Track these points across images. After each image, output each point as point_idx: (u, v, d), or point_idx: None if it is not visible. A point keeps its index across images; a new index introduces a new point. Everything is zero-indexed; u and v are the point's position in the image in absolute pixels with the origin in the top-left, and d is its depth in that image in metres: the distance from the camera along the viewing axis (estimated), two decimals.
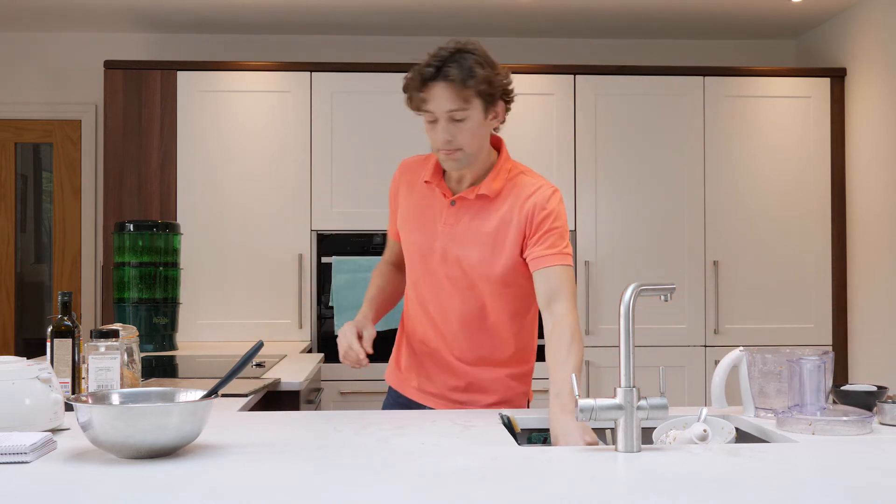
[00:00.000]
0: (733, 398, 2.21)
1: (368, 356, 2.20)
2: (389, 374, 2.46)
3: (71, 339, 2.21)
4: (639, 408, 1.69)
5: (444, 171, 2.27)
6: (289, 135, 4.48)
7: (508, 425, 2.05)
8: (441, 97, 2.11)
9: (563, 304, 2.09)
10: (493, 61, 2.16)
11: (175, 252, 4.00)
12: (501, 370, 2.31)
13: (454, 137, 2.12)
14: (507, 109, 2.22)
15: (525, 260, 2.19)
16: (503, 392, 2.32)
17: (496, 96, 2.16)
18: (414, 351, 2.36)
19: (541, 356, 2.29)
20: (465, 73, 2.09)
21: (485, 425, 1.95)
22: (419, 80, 2.12)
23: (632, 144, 4.57)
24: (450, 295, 2.25)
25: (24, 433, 1.69)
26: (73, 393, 2.21)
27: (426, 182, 2.27)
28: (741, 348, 2.13)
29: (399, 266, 2.43)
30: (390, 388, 2.45)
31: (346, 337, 2.19)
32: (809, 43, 5.06)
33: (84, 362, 2.20)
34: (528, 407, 2.39)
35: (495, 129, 2.24)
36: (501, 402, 2.31)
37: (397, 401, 2.41)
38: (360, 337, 2.20)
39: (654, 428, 1.88)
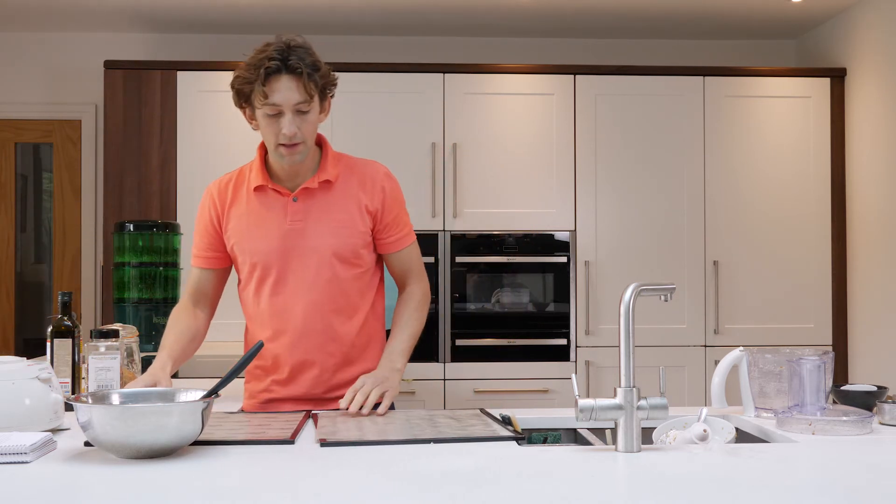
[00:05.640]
0: (733, 398, 2.21)
1: None
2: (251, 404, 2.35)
3: (71, 339, 2.21)
4: (639, 408, 1.69)
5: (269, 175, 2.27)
6: None
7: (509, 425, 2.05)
8: (288, 89, 2.12)
9: (415, 279, 2.37)
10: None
11: (175, 252, 4.00)
12: (363, 363, 2.31)
13: (300, 130, 2.15)
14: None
15: (374, 240, 2.30)
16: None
17: (327, 92, 2.21)
18: (271, 364, 2.30)
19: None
20: (310, 66, 2.14)
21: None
22: (263, 74, 2.11)
23: (632, 144, 4.57)
24: (309, 289, 2.24)
25: (24, 433, 1.69)
26: (73, 393, 2.21)
27: (257, 188, 2.26)
28: (741, 348, 2.13)
29: (200, 304, 2.35)
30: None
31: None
32: (809, 43, 5.06)
33: (84, 362, 2.20)
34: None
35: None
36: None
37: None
38: None
39: (654, 428, 1.88)
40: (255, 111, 2.18)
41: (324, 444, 1.77)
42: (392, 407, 2.25)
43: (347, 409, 2.07)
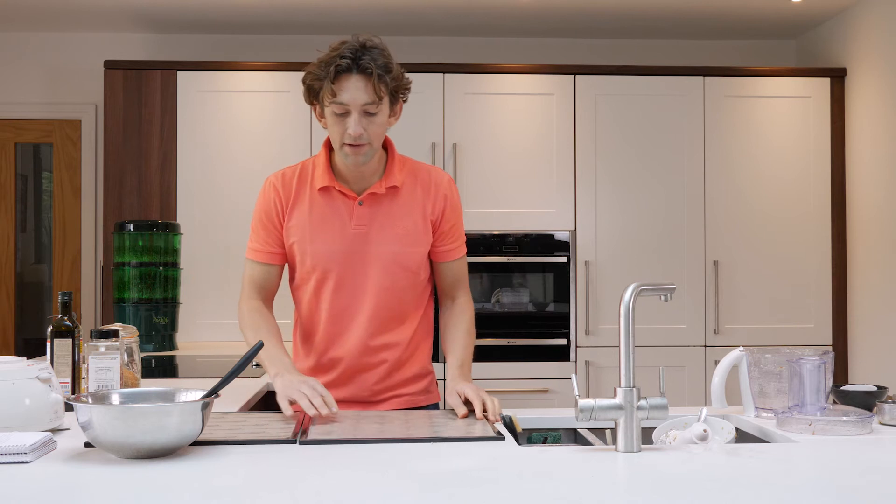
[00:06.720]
0: (733, 398, 2.21)
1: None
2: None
3: (71, 339, 2.21)
4: (639, 408, 1.69)
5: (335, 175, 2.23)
6: (289, 135, 4.48)
7: (509, 425, 2.05)
8: (357, 89, 2.09)
9: (464, 292, 2.33)
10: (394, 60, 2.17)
11: (175, 252, 4.00)
12: (413, 367, 2.31)
13: (366, 131, 2.12)
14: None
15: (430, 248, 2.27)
16: (421, 383, 2.34)
17: (399, 95, 2.19)
18: (325, 366, 2.29)
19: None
20: (382, 67, 2.11)
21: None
22: (333, 72, 2.08)
23: (632, 144, 4.57)
24: (367, 295, 2.22)
25: (24, 433, 1.69)
26: (73, 393, 2.21)
27: (322, 189, 2.22)
28: (741, 348, 2.13)
29: (268, 302, 2.33)
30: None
31: (307, 385, 2.01)
32: (809, 43, 5.06)
33: (84, 362, 2.20)
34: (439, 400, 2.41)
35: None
36: (422, 392, 2.33)
37: None
38: None
39: (654, 428, 1.88)
40: (323, 109, 2.15)
41: (322, 442, 1.77)
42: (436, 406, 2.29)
43: (485, 416, 2.00)
